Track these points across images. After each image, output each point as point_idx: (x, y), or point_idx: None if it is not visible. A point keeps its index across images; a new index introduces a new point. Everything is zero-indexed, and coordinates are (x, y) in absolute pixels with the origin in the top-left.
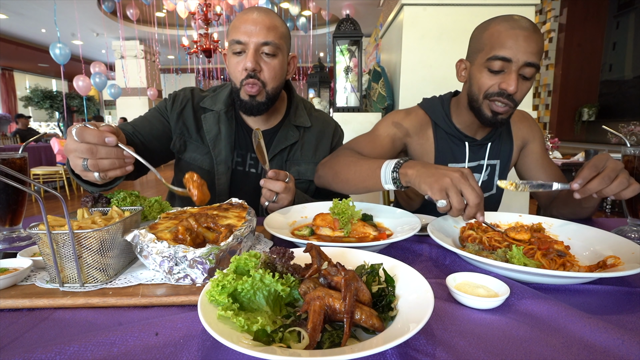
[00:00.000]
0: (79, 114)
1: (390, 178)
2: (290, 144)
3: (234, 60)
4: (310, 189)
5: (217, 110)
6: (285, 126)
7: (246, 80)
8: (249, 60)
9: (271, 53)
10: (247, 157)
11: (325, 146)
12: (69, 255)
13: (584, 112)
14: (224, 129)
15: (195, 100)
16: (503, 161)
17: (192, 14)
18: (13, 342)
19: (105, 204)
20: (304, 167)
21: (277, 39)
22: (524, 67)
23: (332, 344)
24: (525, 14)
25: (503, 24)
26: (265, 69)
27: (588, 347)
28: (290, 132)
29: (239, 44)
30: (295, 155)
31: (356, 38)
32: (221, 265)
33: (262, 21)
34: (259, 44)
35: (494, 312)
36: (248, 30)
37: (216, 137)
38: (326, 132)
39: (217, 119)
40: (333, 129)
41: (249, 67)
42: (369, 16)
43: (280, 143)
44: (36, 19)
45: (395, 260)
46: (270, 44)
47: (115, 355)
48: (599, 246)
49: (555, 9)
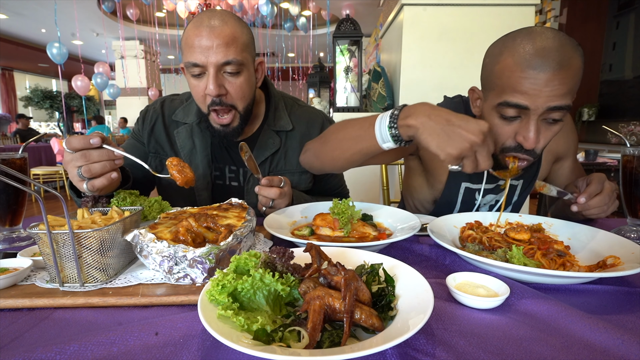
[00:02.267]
0: (79, 114)
1: (388, 134)
2: (271, 153)
3: (193, 82)
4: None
5: (189, 122)
6: (265, 133)
7: (212, 107)
8: (211, 84)
9: (235, 71)
10: (226, 170)
11: None
12: (69, 255)
13: (584, 112)
14: (198, 142)
15: (166, 114)
16: (526, 180)
17: (192, 14)
18: (13, 341)
19: (106, 204)
20: (289, 177)
21: (239, 55)
22: (547, 113)
23: (332, 343)
24: (525, 14)
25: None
26: (231, 90)
27: (588, 347)
28: (270, 140)
29: (196, 66)
30: (279, 165)
31: (356, 38)
32: (221, 265)
33: (219, 35)
34: (219, 64)
35: (494, 312)
36: (204, 50)
37: (191, 151)
38: (312, 133)
39: (190, 132)
40: (320, 126)
41: (213, 92)
42: (369, 16)
43: (260, 154)
44: (36, 19)
45: (395, 260)
46: (232, 62)
47: (115, 354)
48: (599, 246)
49: (555, 9)
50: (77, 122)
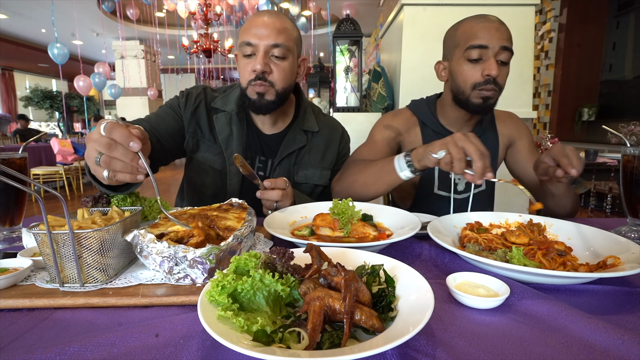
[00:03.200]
0: (79, 114)
1: (405, 164)
2: (298, 147)
3: (243, 62)
4: (315, 193)
5: (228, 111)
6: (294, 130)
7: (254, 81)
8: (258, 63)
9: (281, 55)
10: (256, 159)
11: (332, 152)
12: (69, 255)
13: (584, 112)
14: (236, 130)
15: (208, 99)
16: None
17: (192, 14)
18: (13, 342)
19: (106, 204)
20: (311, 172)
21: (287, 41)
22: (500, 53)
23: (332, 344)
24: (525, 14)
25: (473, 20)
26: (275, 70)
27: (588, 347)
28: (298, 137)
29: (249, 45)
30: (304, 160)
31: (356, 38)
32: (221, 265)
33: (273, 24)
34: (269, 46)
35: (494, 312)
36: (258, 33)
37: (228, 137)
38: (334, 138)
39: (229, 119)
40: (340, 134)
41: (258, 69)
42: (369, 16)
43: (288, 147)
44: (36, 19)
45: (396, 260)
46: (280, 46)
47: (115, 355)
48: (599, 246)
49: (555, 9)
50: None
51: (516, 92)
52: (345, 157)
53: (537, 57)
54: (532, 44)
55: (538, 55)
